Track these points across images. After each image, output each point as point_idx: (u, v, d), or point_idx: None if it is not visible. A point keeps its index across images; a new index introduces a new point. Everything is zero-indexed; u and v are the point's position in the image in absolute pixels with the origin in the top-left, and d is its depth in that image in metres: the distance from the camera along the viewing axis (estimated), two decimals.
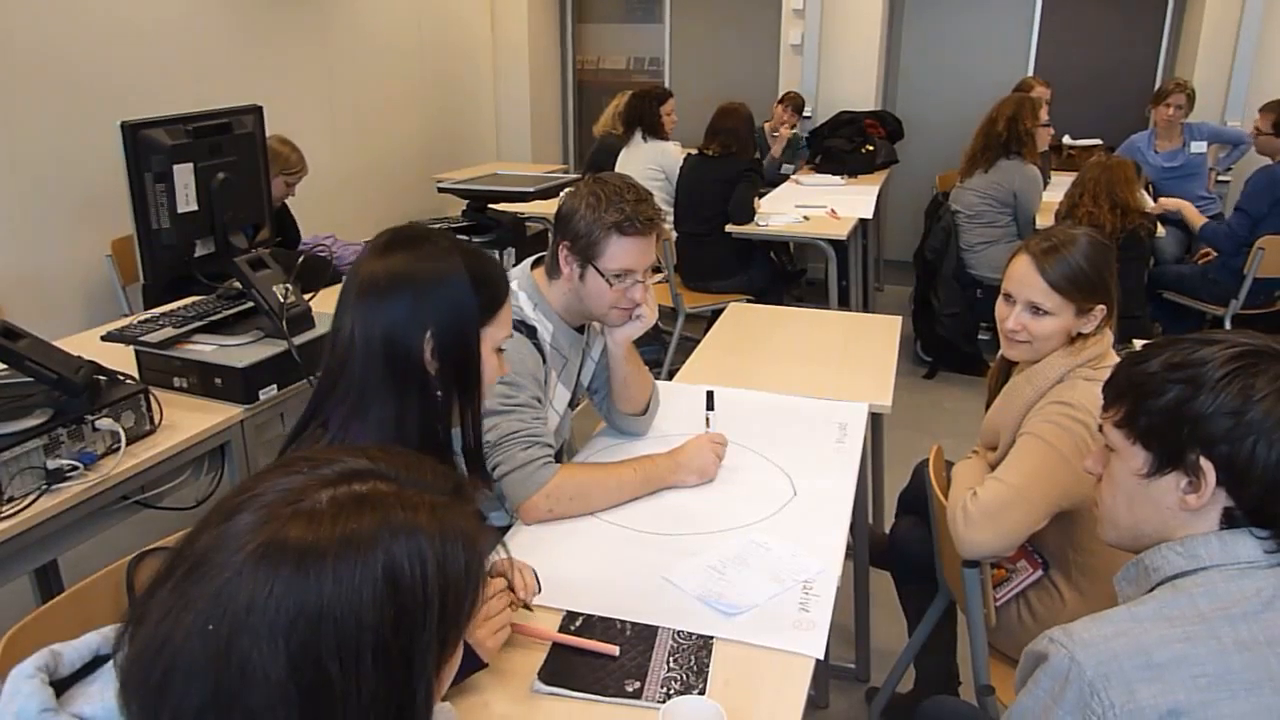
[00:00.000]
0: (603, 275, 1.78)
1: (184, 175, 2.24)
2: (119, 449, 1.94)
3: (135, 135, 2.16)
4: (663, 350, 4.52)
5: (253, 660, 0.65)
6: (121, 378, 2.09)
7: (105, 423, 1.95)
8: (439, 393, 1.32)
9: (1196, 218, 4.70)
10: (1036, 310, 1.81)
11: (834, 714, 2.46)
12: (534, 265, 1.93)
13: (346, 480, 0.73)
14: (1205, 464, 1.08)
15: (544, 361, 1.84)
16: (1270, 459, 1.05)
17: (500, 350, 1.41)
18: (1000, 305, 1.89)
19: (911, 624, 2.28)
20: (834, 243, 4.47)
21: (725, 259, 4.56)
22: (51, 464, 1.83)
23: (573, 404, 2.00)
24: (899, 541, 2.28)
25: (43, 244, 3.54)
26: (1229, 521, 1.10)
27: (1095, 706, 1.00)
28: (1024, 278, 1.82)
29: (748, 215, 4.44)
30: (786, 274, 4.99)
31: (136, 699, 0.68)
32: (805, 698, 1.30)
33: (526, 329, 1.82)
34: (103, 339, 2.34)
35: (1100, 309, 1.81)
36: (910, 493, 2.37)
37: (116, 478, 1.91)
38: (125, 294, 3.64)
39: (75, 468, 1.87)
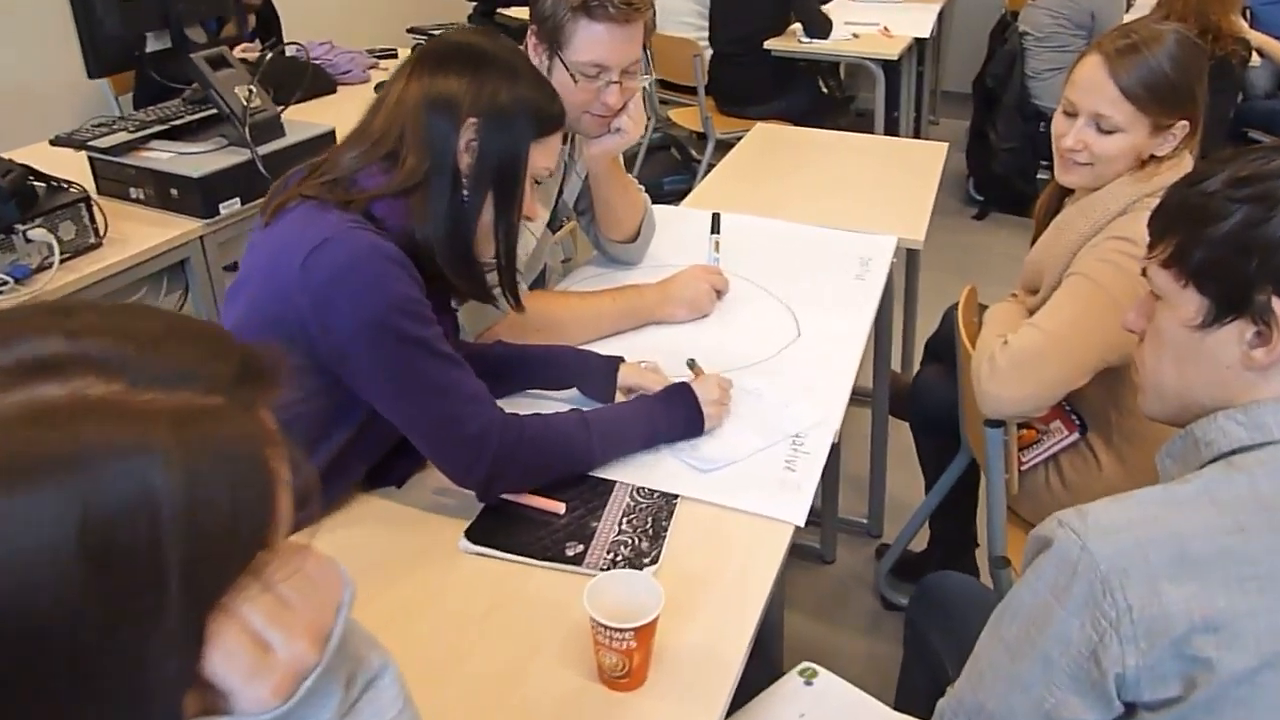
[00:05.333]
0: (568, 69, 1.50)
1: None
2: (53, 264, 1.76)
3: None
4: (691, 179, 4.21)
5: None
6: (64, 185, 1.90)
7: (38, 233, 1.77)
8: (466, 194, 1.14)
9: None
10: (1102, 125, 1.49)
11: (839, 569, 2.31)
12: None
13: (31, 378, 0.46)
14: (1279, 306, 0.84)
15: None
16: None
17: (538, 183, 1.22)
18: (1058, 120, 1.56)
19: (930, 480, 2.09)
20: (885, 64, 4.05)
21: (763, 81, 4.15)
22: None
23: (554, 225, 1.76)
24: (920, 391, 2.05)
25: (27, 51, 3.29)
26: None
27: (1107, 609, 0.79)
28: (1091, 82, 1.49)
29: (824, 26, 3.98)
30: (832, 101, 4.56)
31: None
32: (779, 571, 1.12)
33: None
34: (50, 143, 2.13)
35: (1182, 125, 1.48)
36: (938, 338, 2.12)
37: (52, 293, 1.75)
38: (119, 104, 3.41)
39: (5, 282, 1.71)
